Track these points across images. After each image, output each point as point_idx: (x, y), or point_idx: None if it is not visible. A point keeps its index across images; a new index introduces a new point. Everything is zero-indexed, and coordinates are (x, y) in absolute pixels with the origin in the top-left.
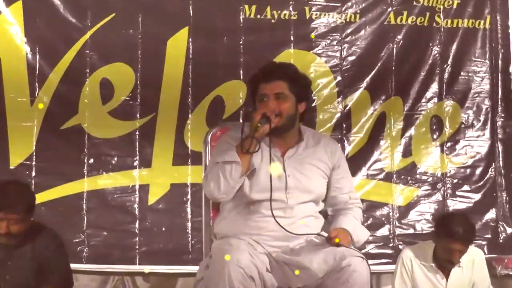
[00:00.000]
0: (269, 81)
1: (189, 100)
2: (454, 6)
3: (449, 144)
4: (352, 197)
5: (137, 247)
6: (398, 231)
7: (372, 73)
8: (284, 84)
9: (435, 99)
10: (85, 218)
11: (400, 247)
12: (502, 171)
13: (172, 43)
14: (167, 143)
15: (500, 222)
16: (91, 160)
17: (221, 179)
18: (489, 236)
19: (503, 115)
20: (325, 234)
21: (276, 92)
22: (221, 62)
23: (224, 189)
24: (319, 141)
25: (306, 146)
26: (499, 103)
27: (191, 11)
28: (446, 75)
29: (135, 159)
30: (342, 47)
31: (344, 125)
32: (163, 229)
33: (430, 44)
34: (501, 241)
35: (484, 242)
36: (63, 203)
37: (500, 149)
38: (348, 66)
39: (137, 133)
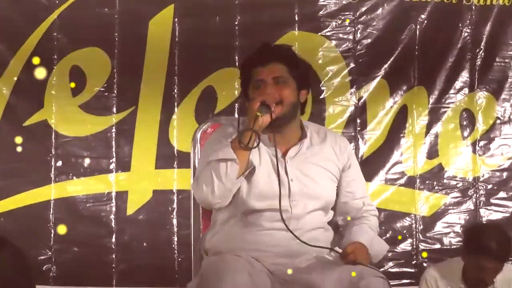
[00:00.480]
0: (266, 63)
1: (175, 91)
2: None
3: (482, 143)
4: (366, 203)
5: (114, 265)
6: (422, 246)
7: (391, 59)
8: (283, 67)
9: (466, 90)
10: (52, 231)
11: (424, 265)
12: None
13: (155, 24)
14: (149, 142)
15: None
16: (59, 163)
17: (215, 181)
18: None
19: None
20: (339, 250)
21: (275, 76)
22: (212, 46)
23: (220, 192)
24: (325, 137)
25: (311, 144)
26: None
27: None
28: (478, 62)
29: (111, 161)
30: (356, 28)
31: (358, 121)
32: (145, 244)
33: (460, 25)
34: None
35: None
36: (26, 214)
37: None
38: (362, 51)
39: (114, 130)
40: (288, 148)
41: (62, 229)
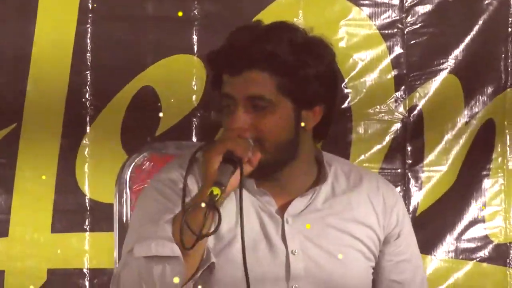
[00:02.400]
0: (236, 71)
1: (87, 97)
2: None
3: None
4: None
5: None
6: None
7: (467, 40)
8: (266, 78)
9: None
10: None
11: None
12: None
13: None
14: (41, 186)
15: None
16: None
17: None
18: None
19: None
20: None
21: (251, 96)
22: (148, 18)
23: None
24: (360, 183)
25: (333, 193)
26: None
27: None
28: None
29: None
30: None
31: (409, 149)
32: None
33: None
34: None
35: None
36: None
37: None
38: (416, 26)
39: None
40: (290, 200)
41: None
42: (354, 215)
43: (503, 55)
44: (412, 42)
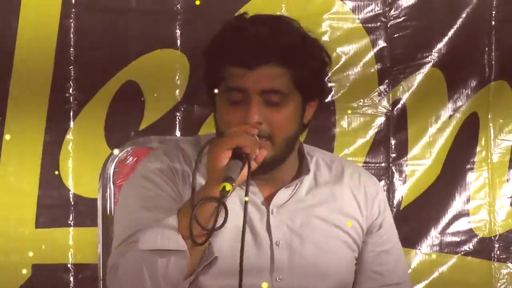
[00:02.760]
0: (252, 65)
1: (70, 91)
2: None
3: None
4: None
5: None
6: None
7: (450, 33)
8: (282, 72)
9: None
10: None
11: None
12: None
13: None
14: (25, 181)
15: None
16: None
17: (147, 282)
18: None
19: None
20: None
21: (267, 89)
22: (134, 11)
23: None
24: (342, 174)
25: (315, 184)
26: None
27: None
28: None
29: None
30: None
31: (392, 142)
32: None
33: None
34: None
35: None
36: None
37: None
38: (400, 19)
39: None
40: (275, 190)
41: None
42: (337, 206)
43: (486, 49)
44: (395, 35)
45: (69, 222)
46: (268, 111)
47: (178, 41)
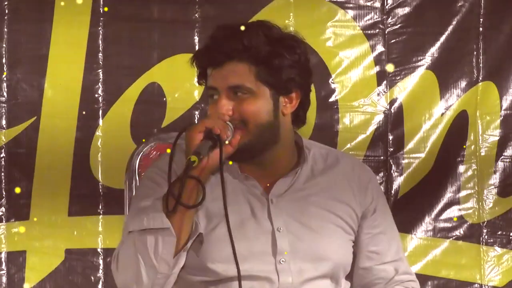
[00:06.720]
0: (218, 63)
1: (99, 92)
2: None
3: None
4: (400, 271)
5: None
6: None
7: (442, 39)
8: (245, 67)
9: None
10: None
11: None
12: None
13: None
14: (58, 175)
15: None
16: None
17: (141, 263)
18: None
19: None
20: None
21: (231, 86)
22: (156, 21)
23: (150, 280)
24: (336, 164)
25: (312, 174)
26: None
27: None
28: None
29: None
30: None
31: (390, 137)
32: None
33: None
34: None
35: None
36: None
37: None
38: (396, 27)
39: (3, 155)
40: (274, 181)
41: None
42: (333, 194)
43: (475, 52)
44: (392, 41)
45: (99, 210)
46: (237, 102)
47: (196, 46)
